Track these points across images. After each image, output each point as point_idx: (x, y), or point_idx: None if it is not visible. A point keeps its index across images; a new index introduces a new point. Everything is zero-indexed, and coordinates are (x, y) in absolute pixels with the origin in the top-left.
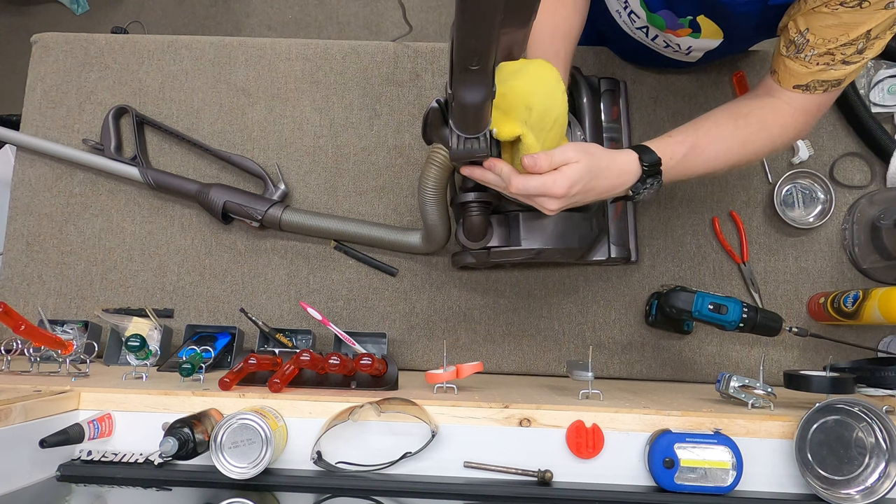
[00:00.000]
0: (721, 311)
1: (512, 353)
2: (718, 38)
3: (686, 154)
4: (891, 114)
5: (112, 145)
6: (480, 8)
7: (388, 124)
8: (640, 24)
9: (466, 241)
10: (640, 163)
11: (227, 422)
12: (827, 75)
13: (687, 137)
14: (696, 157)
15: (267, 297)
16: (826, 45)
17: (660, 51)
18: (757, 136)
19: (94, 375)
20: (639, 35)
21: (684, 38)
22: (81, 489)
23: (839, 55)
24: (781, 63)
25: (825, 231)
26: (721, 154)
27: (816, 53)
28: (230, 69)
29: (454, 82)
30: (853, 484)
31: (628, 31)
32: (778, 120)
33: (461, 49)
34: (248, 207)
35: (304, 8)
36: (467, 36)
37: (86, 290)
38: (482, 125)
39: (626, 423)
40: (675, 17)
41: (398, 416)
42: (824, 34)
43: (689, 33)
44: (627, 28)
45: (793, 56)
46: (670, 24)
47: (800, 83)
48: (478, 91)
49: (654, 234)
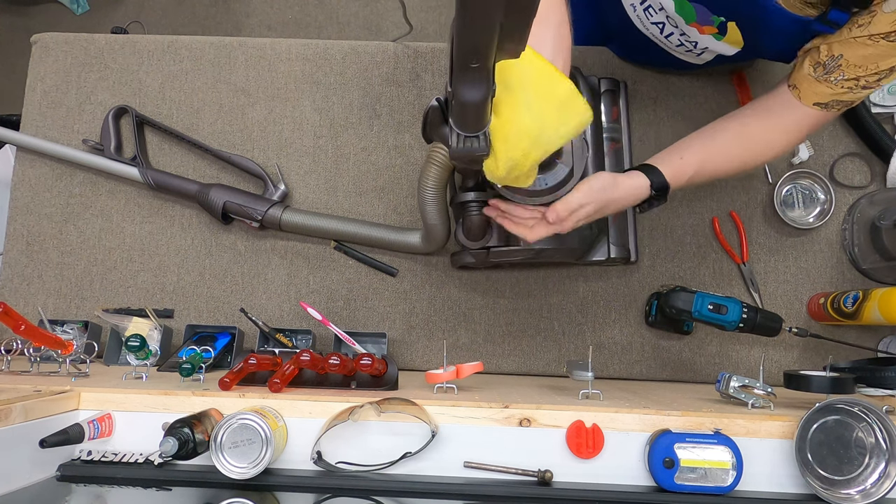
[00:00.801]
0: (721, 312)
1: (512, 353)
2: (737, 47)
3: (692, 175)
4: (891, 114)
5: (112, 145)
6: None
7: (388, 124)
8: (656, 20)
9: (466, 241)
10: (651, 187)
11: (227, 422)
12: (847, 97)
13: (695, 159)
14: (701, 175)
15: (267, 297)
16: (856, 72)
17: (669, 49)
18: (760, 155)
19: (94, 375)
20: (651, 31)
21: (706, 36)
22: (81, 489)
23: (863, 81)
24: (805, 81)
25: (825, 231)
26: (724, 171)
27: (845, 78)
28: (230, 69)
29: (454, 80)
30: (853, 484)
31: (640, 27)
32: (784, 138)
33: (461, 47)
34: (248, 207)
35: (304, 8)
36: (467, 34)
37: (86, 290)
38: (482, 123)
39: (626, 423)
40: (707, 14)
41: (398, 416)
42: (857, 62)
43: (714, 33)
44: (640, 23)
45: (821, 78)
46: (700, 18)
47: (821, 101)
48: (478, 89)
49: (654, 234)
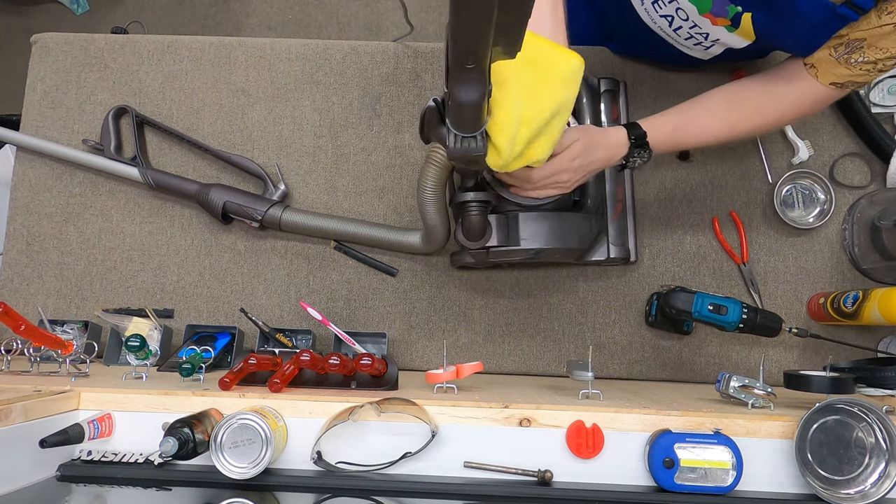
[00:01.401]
0: (721, 312)
1: (512, 353)
2: (748, 39)
3: (672, 131)
4: (891, 114)
5: (112, 145)
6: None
7: (388, 124)
8: (664, 12)
9: (465, 241)
10: (628, 137)
11: (227, 422)
12: (862, 78)
13: (675, 116)
14: (683, 133)
15: (267, 297)
16: (876, 55)
17: (676, 43)
18: (749, 120)
19: (94, 375)
20: (659, 24)
21: (719, 27)
22: (81, 489)
23: (881, 65)
24: (826, 62)
25: (825, 231)
26: (709, 133)
27: (865, 61)
28: (230, 69)
29: (450, 81)
30: (853, 484)
31: (647, 20)
32: (795, 108)
33: (456, 48)
34: (248, 207)
35: (304, 8)
36: (462, 34)
37: (86, 290)
38: (479, 123)
39: (626, 423)
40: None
41: (398, 416)
42: (880, 46)
43: (727, 25)
44: (647, 16)
45: (841, 58)
46: (717, 9)
47: (837, 81)
48: (474, 89)
49: (653, 234)
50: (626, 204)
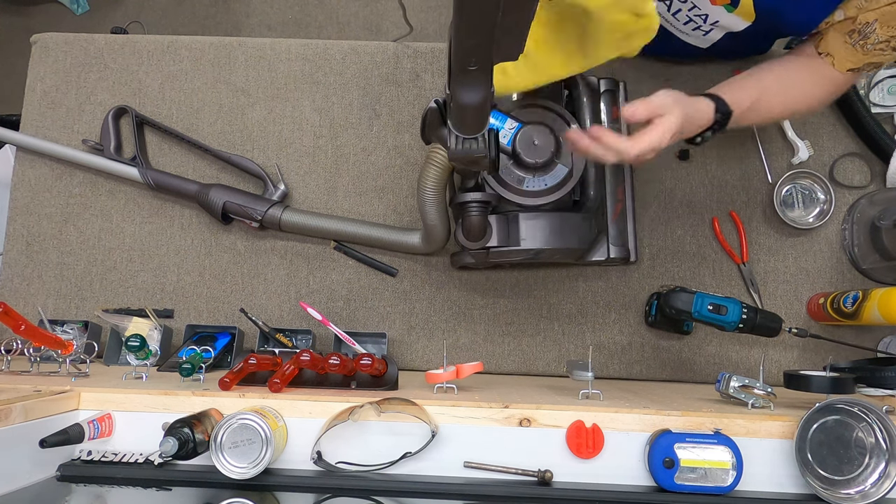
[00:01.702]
0: (720, 312)
1: (512, 353)
2: (748, 20)
3: (746, 111)
4: (891, 114)
5: (112, 146)
6: (478, 8)
7: (388, 124)
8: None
9: (465, 241)
10: (715, 111)
11: (227, 422)
12: (878, 59)
13: (753, 92)
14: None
15: (267, 297)
16: (888, 33)
17: (675, 29)
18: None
19: (94, 375)
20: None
21: (718, 7)
22: (81, 489)
23: (894, 42)
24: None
25: (825, 231)
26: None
27: (879, 40)
28: (230, 69)
29: (452, 83)
30: (853, 484)
31: None
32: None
33: (459, 49)
34: (247, 208)
35: (304, 8)
36: (465, 36)
37: (86, 290)
38: (481, 125)
39: (626, 423)
40: None
41: (398, 416)
42: (891, 23)
43: (726, 4)
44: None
45: (857, 44)
46: None
47: (855, 66)
48: (476, 91)
49: (654, 234)
50: (626, 204)
